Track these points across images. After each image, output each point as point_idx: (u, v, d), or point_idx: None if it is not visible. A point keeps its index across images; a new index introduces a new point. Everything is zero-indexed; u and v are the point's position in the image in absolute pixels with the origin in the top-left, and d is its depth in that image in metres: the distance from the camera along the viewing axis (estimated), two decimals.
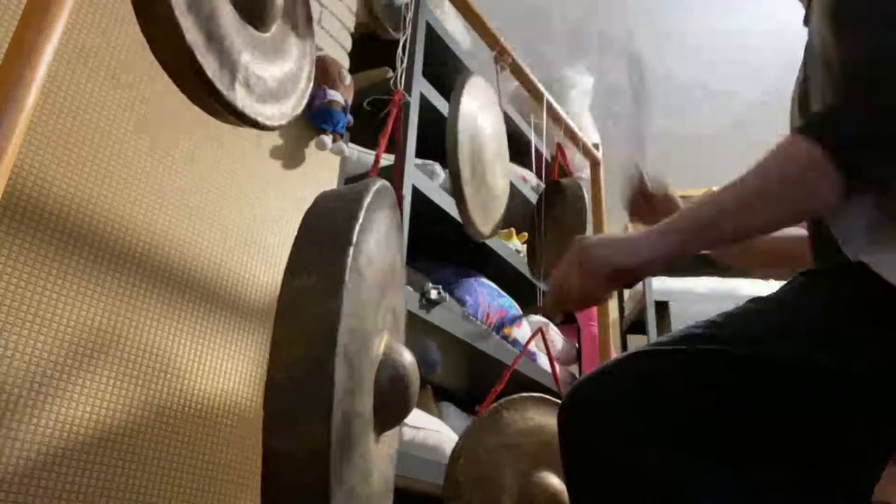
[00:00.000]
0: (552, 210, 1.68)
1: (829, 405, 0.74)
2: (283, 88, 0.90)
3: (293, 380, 0.58)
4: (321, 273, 0.61)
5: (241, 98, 0.79)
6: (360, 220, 0.66)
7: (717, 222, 0.79)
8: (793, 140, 0.75)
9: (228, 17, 0.80)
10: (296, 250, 0.65)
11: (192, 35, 0.72)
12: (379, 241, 0.74)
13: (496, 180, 1.43)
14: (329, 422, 0.55)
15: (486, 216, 1.38)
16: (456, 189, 1.28)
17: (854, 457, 0.76)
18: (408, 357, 0.77)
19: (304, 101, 0.96)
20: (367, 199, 0.69)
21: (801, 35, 0.92)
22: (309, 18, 1.01)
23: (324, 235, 0.65)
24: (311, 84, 0.99)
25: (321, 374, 0.57)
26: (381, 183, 0.76)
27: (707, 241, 0.82)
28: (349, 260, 0.62)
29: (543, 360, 2.20)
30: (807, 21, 0.92)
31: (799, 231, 1.14)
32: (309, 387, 0.57)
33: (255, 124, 0.83)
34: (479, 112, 1.40)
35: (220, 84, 0.76)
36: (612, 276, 0.83)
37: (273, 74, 0.89)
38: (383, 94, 1.46)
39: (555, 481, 1.23)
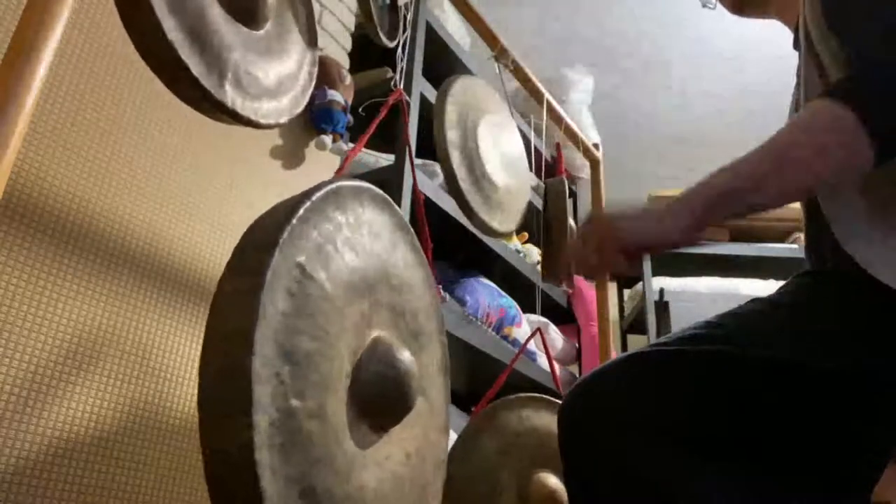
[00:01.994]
0: (545, 210, 1.68)
1: (828, 406, 0.74)
2: (279, 87, 0.90)
3: (216, 381, 0.59)
4: (248, 276, 0.63)
5: (231, 97, 0.79)
6: (293, 223, 0.66)
7: (748, 192, 0.75)
8: (823, 106, 0.73)
9: (216, 16, 0.80)
10: (232, 255, 0.66)
11: (175, 35, 0.72)
12: (352, 242, 0.74)
13: (499, 175, 1.42)
14: (249, 420, 0.56)
15: (496, 213, 1.37)
16: (454, 190, 1.28)
17: (853, 456, 0.76)
18: (398, 354, 0.77)
19: (305, 100, 0.95)
20: (307, 203, 0.69)
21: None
22: (310, 15, 1.00)
23: (256, 240, 0.66)
24: (313, 82, 0.98)
25: (239, 377, 0.58)
26: (337, 185, 0.75)
27: (735, 211, 0.78)
28: (271, 263, 0.63)
29: (543, 361, 2.20)
30: (796, 45, 0.92)
31: None
32: (228, 389, 0.58)
33: (249, 122, 0.82)
34: (470, 111, 1.39)
35: (208, 83, 0.75)
36: (635, 251, 0.80)
37: (268, 72, 0.88)
38: (383, 95, 1.46)
39: (552, 481, 1.23)
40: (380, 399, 0.75)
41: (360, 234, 0.78)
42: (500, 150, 1.45)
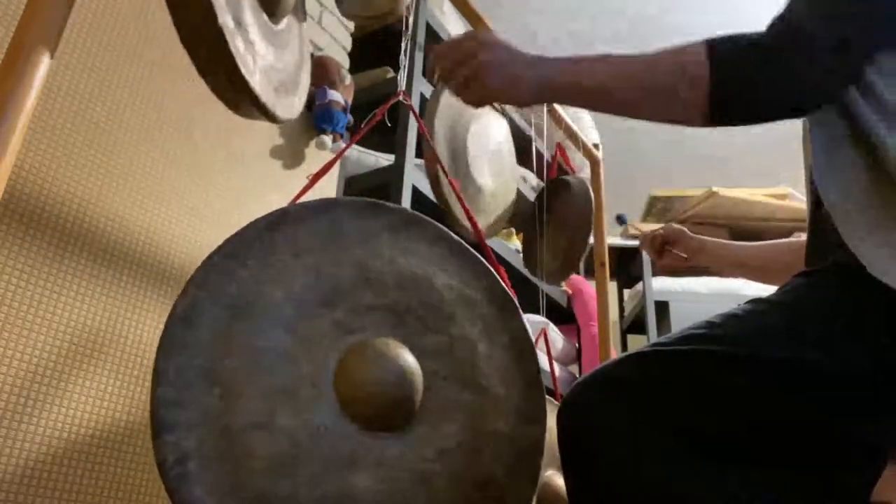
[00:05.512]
0: (554, 207, 1.67)
1: (828, 406, 0.74)
2: (292, 82, 0.90)
3: (150, 405, 0.69)
4: (173, 308, 0.72)
5: (261, 88, 0.78)
6: (213, 259, 0.74)
7: (593, 84, 0.80)
8: (697, 43, 0.76)
9: (250, 4, 0.80)
10: None
11: (224, 19, 0.71)
12: (308, 259, 0.79)
13: (485, 179, 1.43)
14: (162, 440, 0.66)
15: (477, 216, 1.38)
16: (436, 192, 1.29)
17: (853, 456, 0.76)
18: (383, 356, 0.78)
19: (304, 98, 0.95)
20: (235, 241, 0.76)
21: None
22: (303, 14, 1.00)
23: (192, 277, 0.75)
24: (309, 81, 0.98)
25: (153, 403, 0.68)
26: (282, 212, 0.80)
27: (577, 100, 0.83)
28: (187, 300, 0.72)
29: (542, 360, 2.20)
30: None
31: (787, 243, 1.17)
32: (152, 414, 0.68)
33: (272, 117, 0.82)
34: (463, 112, 1.39)
35: (247, 73, 0.75)
36: (479, 86, 0.85)
37: (283, 67, 0.88)
38: (383, 96, 1.46)
39: (558, 481, 1.23)
40: (364, 402, 0.75)
41: (321, 248, 0.80)
42: (489, 154, 1.46)
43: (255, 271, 0.76)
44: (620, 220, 1.54)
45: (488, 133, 1.47)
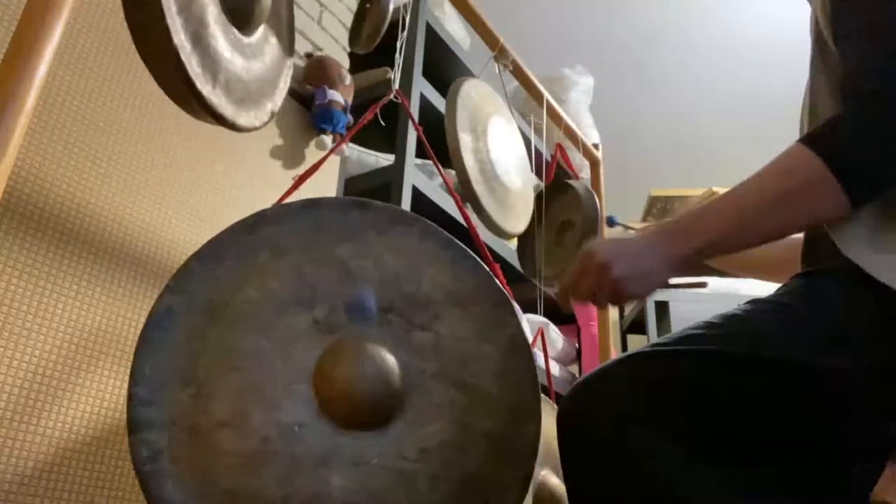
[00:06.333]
0: (554, 210, 1.67)
1: (828, 406, 0.74)
2: (261, 91, 0.91)
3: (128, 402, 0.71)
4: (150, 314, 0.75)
5: (219, 101, 0.80)
6: (191, 266, 0.78)
7: (725, 241, 0.79)
8: (797, 152, 0.75)
9: (216, 20, 0.81)
10: None
11: (179, 38, 0.72)
12: (281, 262, 0.80)
13: (511, 178, 1.42)
14: (133, 438, 0.69)
15: (509, 214, 1.38)
16: (468, 193, 1.28)
17: (852, 457, 0.76)
18: (357, 355, 0.79)
19: (280, 102, 0.96)
20: (205, 250, 0.79)
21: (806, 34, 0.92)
22: (291, 22, 1.00)
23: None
24: (288, 84, 0.99)
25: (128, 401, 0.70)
26: (257, 217, 0.81)
27: (712, 252, 0.81)
28: (162, 303, 0.74)
29: (541, 360, 2.20)
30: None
31: (788, 239, 1.16)
32: (128, 411, 0.70)
33: (233, 126, 0.84)
34: (479, 114, 1.39)
35: (202, 86, 0.76)
36: (624, 298, 0.84)
37: (252, 77, 0.89)
38: (383, 96, 1.47)
39: (554, 481, 1.23)
40: (341, 401, 0.76)
41: (302, 248, 0.81)
42: (508, 153, 1.46)
43: (233, 273, 0.77)
44: (610, 221, 1.56)
45: (505, 136, 1.48)
